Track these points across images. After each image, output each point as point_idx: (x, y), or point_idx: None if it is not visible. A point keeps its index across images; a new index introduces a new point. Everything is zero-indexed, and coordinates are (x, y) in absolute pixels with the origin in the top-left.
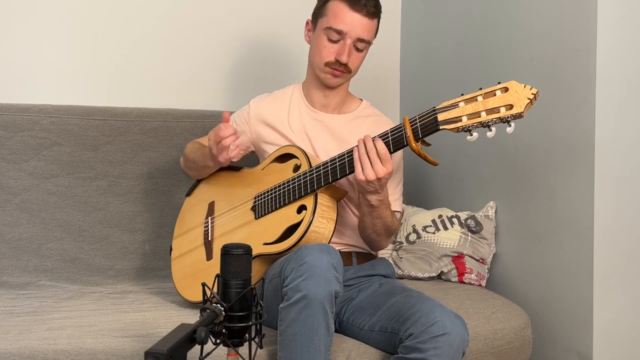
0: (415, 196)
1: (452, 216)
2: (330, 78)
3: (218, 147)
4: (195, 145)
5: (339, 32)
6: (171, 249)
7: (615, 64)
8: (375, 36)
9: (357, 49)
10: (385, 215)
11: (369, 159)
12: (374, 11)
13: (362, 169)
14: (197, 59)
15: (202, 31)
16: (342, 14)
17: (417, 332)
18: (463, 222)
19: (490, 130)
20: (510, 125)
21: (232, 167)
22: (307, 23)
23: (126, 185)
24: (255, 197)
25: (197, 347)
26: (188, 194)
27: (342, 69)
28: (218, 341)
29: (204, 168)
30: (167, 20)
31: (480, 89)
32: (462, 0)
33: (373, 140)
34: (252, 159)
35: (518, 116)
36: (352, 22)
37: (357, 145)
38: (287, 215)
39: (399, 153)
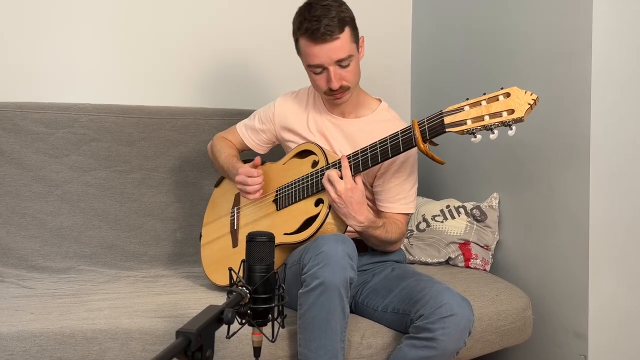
0: (425, 188)
1: (459, 206)
2: (337, 101)
3: (242, 188)
4: (222, 143)
5: (319, 66)
6: (200, 236)
7: (609, 66)
8: (355, 41)
9: (343, 67)
10: (377, 235)
11: (329, 179)
12: (336, 28)
13: (328, 192)
14: (225, 62)
15: (227, 36)
16: (311, 50)
17: (427, 313)
18: (469, 211)
19: (493, 133)
20: (511, 129)
21: None
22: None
23: (159, 178)
24: (277, 190)
25: (225, 327)
26: (216, 185)
27: (339, 91)
28: (243, 321)
29: (221, 171)
30: (197, 29)
31: (484, 94)
32: (467, 12)
33: (387, 142)
34: (275, 153)
35: (519, 120)
36: (322, 53)
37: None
38: (305, 208)
39: (413, 158)
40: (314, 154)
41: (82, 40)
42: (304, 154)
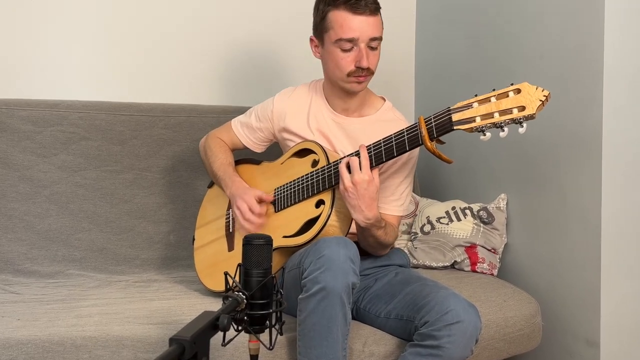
0: (429, 188)
1: (465, 208)
2: (356, 85)
3: (239, 218)
4: (217, 146)
5: (351, 40)
6: (193, 239)
7: (622, 61)
8: (383, 28)
9: (372, 48)
10: (378, 235)
11: (350, 167)
12: (375, 7)
13: (341, 177)
14: (219, 57)
15: (223, 30)
16: (348, 22)
17: (432, 320)
18: (475, 213)
19: (503, 131)
20: (522, 126)
21: (252, 161)
22: (312, 40)
23: (151, 178)
24: (275, 191)
25: (220, 334)
26: (210, 186)
27: (364, 74)
28: (240, 328)
29: (212, 177)
30: (191, 19)
31: (494, 90)
32: (474, 4)
33: (392, 140)
34: (272, 152)
35: (530, 117)
36: (360, 26)
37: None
38: (305, 209)
39: (414, 160)
40: (314, 152)
41: (71, 34)
42: (303, 152)
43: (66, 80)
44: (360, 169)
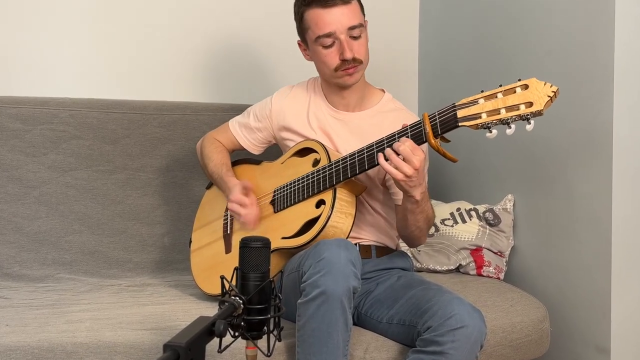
0: (433, 189)
1: (470, 209)
2: (348, 78)
3: (235, 217)
4: (211, 147)
5: (329, 35)
6: (190, 241)
7: (633, 57)
8: (363, 13)
9: (354, 37)
10: (427, 208)
11: (401, 157)
12: None
13: (398, 169)
14: (215, 52)
15: (219, 24)
16: (322, 18)
17: (435, 325)
18: (481, 215)
19: (510, 128)
20: (529, 123)
21: (252, 161)
22: (299, 44)
23: (145, 179)
24: (274, 191)
25: (216, 340)
26: (208, 187)
27: (352, 65)
28: (237, 334)
29: (211, 179)
30: (184, 14)
31: (500, 85)
32: None
33: (396, 139)
34: (272, 152)
35: (538, 114)
36: (334, 18)
37: (381, 152)
38: (305, 210)
39: (424, 147)
40: (315, 151)
41: (62, 29)
42: (304, 152)
43: (56, 76)
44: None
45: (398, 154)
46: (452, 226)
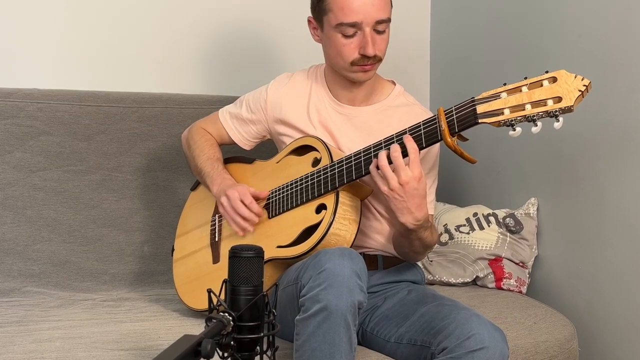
0: (447, 192)
1: (489, 214)
2: (362, 75)
3: (228, 213)
4: (203, 139)
5: (354, 25)
6: (173, 250)
7: None
8: (391, 7)
9: (379, 32)
10: (425, 237)
11: (393, 163)
12: None
13: (384, 178)
14: (202, 38)
15: (207, 6)
16: (350, 3)
17: (452, 346)
18: (501, 221)
19: (536, 125)
20: (558, 120)
21: (243, 159)
22: (310, 21)
23: (122, 180)
24: (269, 194)
25: None
26: (193, 188)
27: (371, 62)
28: (226, 355)
29: (197, 174)
30: None
31: (525, 78)
32: None
33: (402, 138)
34: (266, 149)
35: (567, 110)
36: (364, 8)
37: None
38: (304, 215)
39: (436, 149)
40: (315, 150)
41: (28, 12)
42: (302, 150)
43: (22, 65)
44: (408, 165)
45: (390, 161)
46: (468, 233)
